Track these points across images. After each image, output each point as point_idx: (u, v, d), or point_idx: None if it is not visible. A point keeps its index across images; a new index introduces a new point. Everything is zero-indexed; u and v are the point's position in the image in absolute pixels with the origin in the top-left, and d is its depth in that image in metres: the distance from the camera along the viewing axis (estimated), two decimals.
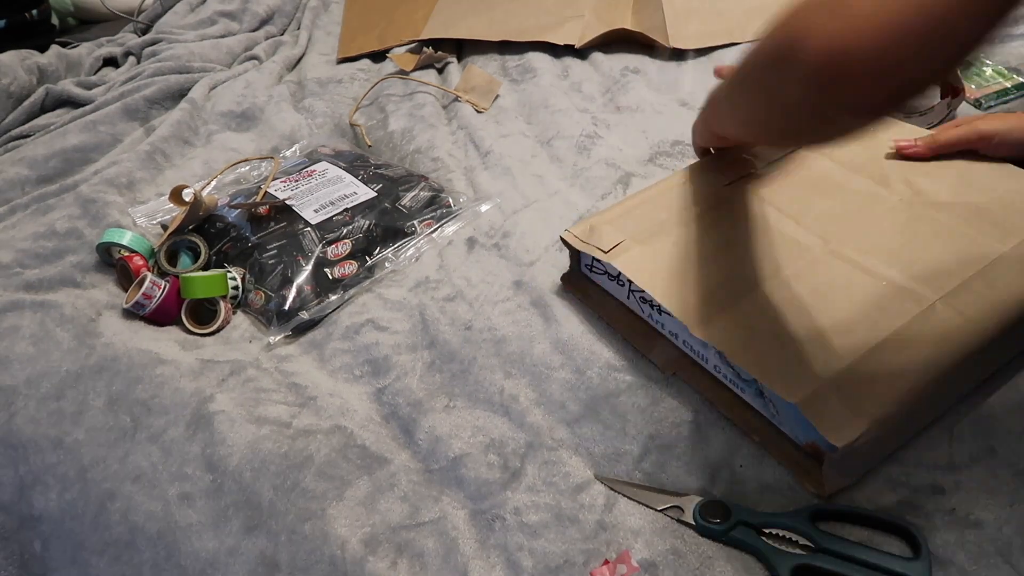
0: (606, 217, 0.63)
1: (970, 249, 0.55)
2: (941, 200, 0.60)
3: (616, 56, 1.06)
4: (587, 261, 0.64)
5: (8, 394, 0.63)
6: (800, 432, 0.50)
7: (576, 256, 0.65)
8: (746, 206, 0.62)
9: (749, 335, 0.52)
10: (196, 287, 0.69)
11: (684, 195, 0.64)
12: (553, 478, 0.53)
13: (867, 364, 0.49)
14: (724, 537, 0.48)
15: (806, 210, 0.61)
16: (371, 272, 0.73)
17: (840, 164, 0.65)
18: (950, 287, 0.53)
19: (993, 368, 0.54)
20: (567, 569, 0.48)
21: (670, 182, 0.66)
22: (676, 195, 0.64)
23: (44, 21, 1.33)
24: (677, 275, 0.57)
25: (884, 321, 0.51)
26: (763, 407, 0.52)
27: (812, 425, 0.46)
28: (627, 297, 0.62)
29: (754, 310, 0.54)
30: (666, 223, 0.62)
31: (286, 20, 1.35)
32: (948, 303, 0.52)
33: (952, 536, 0.46)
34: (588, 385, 0.58)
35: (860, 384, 0.48)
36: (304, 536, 0.51)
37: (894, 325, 0.51)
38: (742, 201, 0.63)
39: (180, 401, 0.61)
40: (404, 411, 0.59)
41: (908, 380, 0.48)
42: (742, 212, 0.62)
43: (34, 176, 0.91)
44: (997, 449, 0.50)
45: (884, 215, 0.60)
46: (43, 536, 0.57)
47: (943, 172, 0.63)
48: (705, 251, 0.59)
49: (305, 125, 1.00)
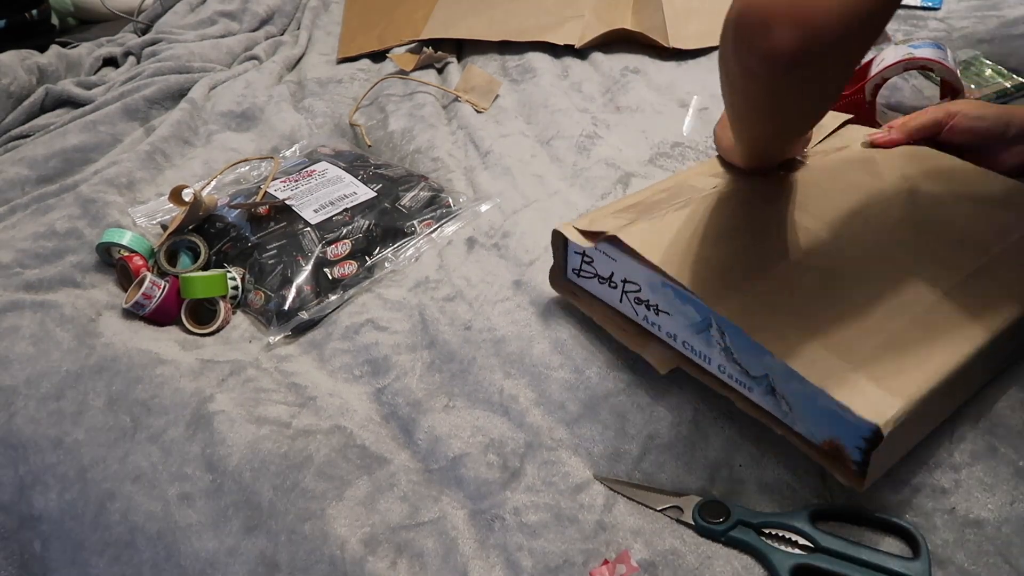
0: (606, 211, 0.61)
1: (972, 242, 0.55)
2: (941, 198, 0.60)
3: (616, 56, 1.06)
4: (575, 265, 0.63)
5: (8, 394, 0.63)
6: (817, 429, 0.48)
7: (562, 260, 0.64)
8: (747, 198, 0.62)
9: (769, 313, 0.50)
10: (196, 287, 0.69)
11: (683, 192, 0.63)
12: (552, 478, 0.53)
13: (891, 349, 0.47)
14: (723, 537, 0.48)
15: (808, 204, 0.60)
16: (371, 272, 0.73)
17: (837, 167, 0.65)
18: (954, 281, 0.52)
19: (1004, 362, 0.54)
20: (566, 569, 0.48)
21: (666, 183, 0.66)
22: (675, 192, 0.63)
23: (44, 21, 1.33)
24: (687, 252, 0.55)
25: (900, 308, 0.50)
26: (774, 406, 0.51)
27: (834, 418, 0.45)
28: (619, 300, 0.60)
29: (770, 289, 0.52)
30: (669, 212, 0.59)
31: (286, 20, 1.35)
32: (952, 297, 0.51)
33: (951, 535, 0.47)
34: (587, 385, 0.59)
35: (888, 367, 0.46)
36: (304, 536, 0.51)
37: (913, 312, 0.50)
38: (743, 194, 0.62)
39: (180, 401, 0.61)
40: (404, 411, 0.59)
41: (935, 364, 0.46)
42: (743, 203, 0.61)
43: (34, 176, 0.91)
44: (998, 447, 0.50)
45: (885, 210, 0.59)
46: (43, 536, 0.57)
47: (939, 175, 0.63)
48: (715, 231, 0.57)
49: (305, 125, 1.00)
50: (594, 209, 0.75)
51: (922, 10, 1.08)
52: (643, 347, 0.58)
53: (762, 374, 0.50)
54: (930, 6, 1.08)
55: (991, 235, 0.56)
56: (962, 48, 0.97)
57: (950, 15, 1.05)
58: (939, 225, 0.58)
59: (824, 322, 0.49)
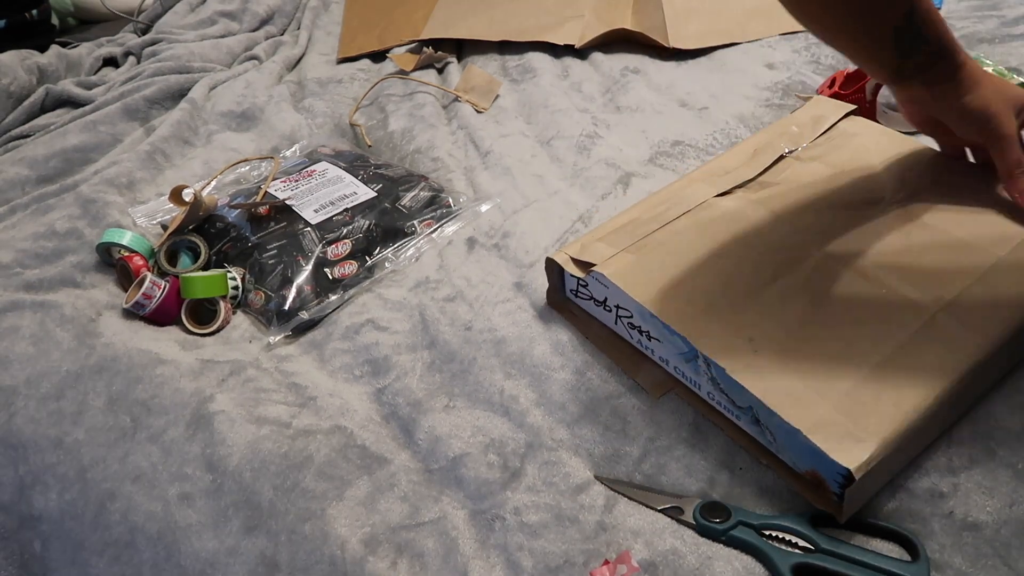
0: (597, 235, 0.62)
1: (966, 255, 0.55)
2: (936, 206, 0.59)
3: (616, 56, 1.06)
4: (572, 286, 0.63)
5: (8, 394, 0.63)
6: (800, 460, 0.49)
7: (559, 279, 0.64)
8: (740, 214, 0.62)
9: (751, 350, 0.51)
10: (196, 287, 0.69)
11: (676, 206, 0.63)
12: (553, 478, 0.53)
13: (872, 383, 0.48)
14: (724, 537, 0.48)
15: (802, 216, 0.60)
16: (371, 272, 0.73)
17: (835, 170, 0.65)
18: (950, 296, 0.52)
19: (997, 376, 0.54)
20: (567, 569, 0.48)
21: (661, 195, 0.66)
22: (668, 207, 0.63)
23: (44, 21, 1.33)
24: (672, 286, 0.56)
25: (886, 335, 0.50)
26: (759, 434, 0.51)
27: (814, 453, 0.45)
28: (615, 323, 0.61)
29: (754, 321, 0.53)
30: (659, 234, 0.60)
31: (286, 20, 1.35)
32: (949, 313, 0.51)
33: (949, 539, 0.46)
34: (588, 386, 0.58)
35: (866, 404, 0.47)
36: (304, 536, 0.51)
37: (897, 339, 0.50)
38: (736, 209, 0.62)
39: (180, 401, 0.61)
40: (404, 411, 0.59)
41: (914, 397, 0.47)
42: (737, 220, 0.61)
43: (34, 176, 0.91)
44: (996, 450, 0.50)
45: (880, 222, 0.59)
46: (43, 536, 0.57)
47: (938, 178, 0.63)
48: (700, 261, 0.58)
49: (305, 125, 1.00)
50: (594, 212, 0.76)
51: None
52: (636, 370, 0.59)
53: (747, 405, 0.51)
54: None
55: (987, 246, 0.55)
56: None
57: (950, 15, 1.05)
58: (933, 240, 0.57)
59: (805, 357, 0.50)
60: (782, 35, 1.04)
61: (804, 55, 0.99)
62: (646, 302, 0.55)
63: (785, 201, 0.62)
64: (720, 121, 0.89)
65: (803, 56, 0.99)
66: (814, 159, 0.67)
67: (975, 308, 0.51)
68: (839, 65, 0.95)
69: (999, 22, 0.99)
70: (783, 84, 0.94)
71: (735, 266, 0.57)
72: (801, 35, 1.03)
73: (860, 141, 0.68)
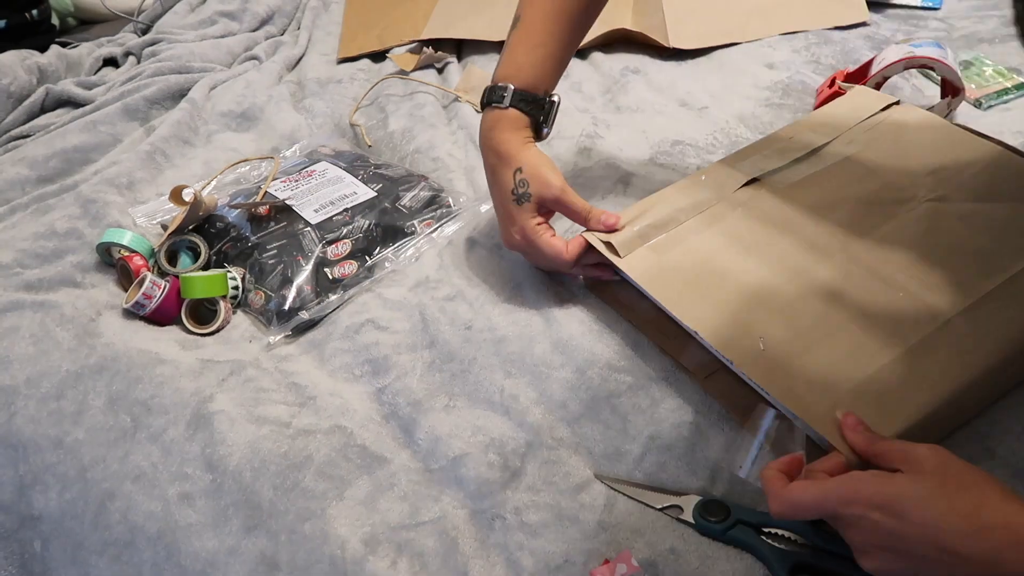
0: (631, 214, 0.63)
1: (991, 261, 0.54)
2: (967, 207, 0.59)
3: (616, 56, 1.06)
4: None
5: (8, 394, 0.63)
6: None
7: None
8: (764, 208, 0.62)
9: (760, 346, 0.51)
10: (196, 287, 0.69)
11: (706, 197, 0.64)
12: (553, 477, 0.53)
13: (882, 381, 0.48)
14: (724, 536, 0.48)
15: (826, 212, 0.60)
16: (371, 272, 0.73)
17: (870, 164, 0.64)
18: (968, 302, 0.52)
19: (1009, 386, 0.53)
20: (567, 568, 0.48)
21: (687, 182, 0.66)
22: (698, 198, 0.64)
23: (44, 21, 1.33)
24: (692, 284, 0.57)
25: (899, 336, 0.50)
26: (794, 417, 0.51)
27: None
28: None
29: (771, 320, 0.53)
30: (683, 228, 0.61)
31: (286, 20, 1.35)
32: (966, 318, 0.51)
33: None
34: (588, 385, 0.58)
35: (870, 404, 0.47)
36: (304, 536, 0.51)
37: (909, 341, 0.50)
38: (760, 203, 0.62)
39: (180, 401, 0.61)
40: (404, 411, 0.59)
41: (923, 398, 0.47)
42: (760, 214, 0.61)
43: (34, 176, 0.91)
44: (995, 450, 0.50)
45: (908, 223, 0.59)
46: (43, 536, 0.57)
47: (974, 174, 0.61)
48: (721, 257, 0.58)
49: (305, 125, 1.00)
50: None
51: (922, 10, 1.08)
52: (681, 351, 0.59)
53: None
54: (930, 6, 1.08)
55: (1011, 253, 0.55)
56: (962, 48, 0.97)
57: (950, 15, 1.05)
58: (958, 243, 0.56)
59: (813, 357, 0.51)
60: (782, 35, 1.04)
61: (804, 55, 0.99)
62: (666, 302, 0.56)
63: (813, 197, 0.62)
64: (720, 121, 0.89)
65: (803, 56, 0.99)
66: (851, 151, 0.66)
67: (992, 315, 0.51)
68: (839, 65, 0.96)
69: (999, 22, 0.99)
70: (783, 84, 0.94)
71: (756, 265, 0.58)
72: (801, 35, 1.03)
73: (903, 133, 0.67)
